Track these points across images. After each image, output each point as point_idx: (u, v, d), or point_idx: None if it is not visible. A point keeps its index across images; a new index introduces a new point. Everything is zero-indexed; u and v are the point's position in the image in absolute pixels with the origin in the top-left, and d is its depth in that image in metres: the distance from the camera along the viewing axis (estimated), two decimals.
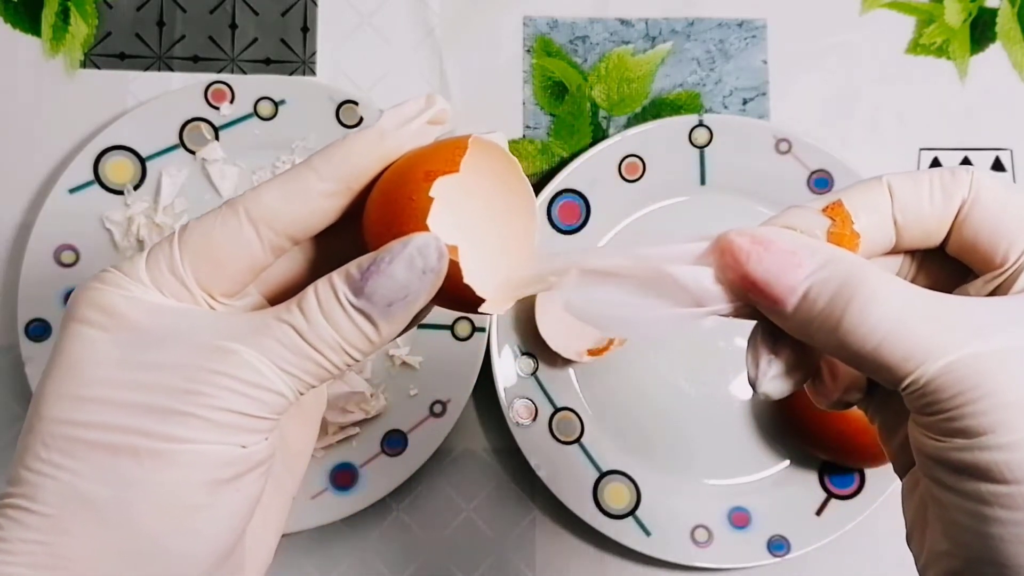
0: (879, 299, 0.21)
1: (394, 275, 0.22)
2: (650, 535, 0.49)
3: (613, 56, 0.54)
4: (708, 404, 0.51)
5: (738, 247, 0.22)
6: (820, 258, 0.22)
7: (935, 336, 0.20)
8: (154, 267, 0.23)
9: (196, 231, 0.24)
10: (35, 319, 0.48)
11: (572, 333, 0.49)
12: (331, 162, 0.24)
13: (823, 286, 0.21)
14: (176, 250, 0.23)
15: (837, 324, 0.21)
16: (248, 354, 0.22)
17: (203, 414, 0.22)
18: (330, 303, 0.23)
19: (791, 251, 0.22)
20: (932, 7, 0.55)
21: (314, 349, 0.23)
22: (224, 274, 0.24)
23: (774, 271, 0.22)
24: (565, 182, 0.51)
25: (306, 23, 0.54)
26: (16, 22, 0.53)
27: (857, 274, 0.21)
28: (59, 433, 0.22)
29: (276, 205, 0.24)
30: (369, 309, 0.22)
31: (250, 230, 0.24)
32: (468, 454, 0.51)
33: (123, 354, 0.22)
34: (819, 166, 0.51)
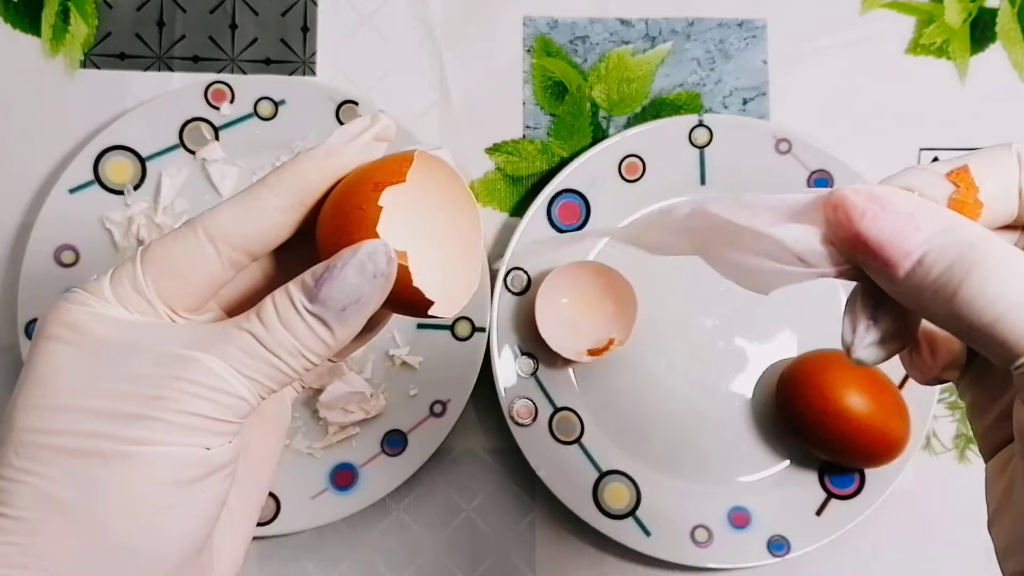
0: (1002, 272, 0.20)
1: (346, 280, 0.24)
2: (650, 535, 0.49)
3: (613, 56, 0.54)
4: (708, 404, 0.51)
5: (852, 204, 0.21)
6: (940, 223, 0.21)
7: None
8: (118, 285, 0.25)
9: (158, 250, 0.25)
10: (35, 319, 0.48)
11: (572, 333, 0.49)
12: (284, 179, 0.25)
13: (941, 253, 0.20)
14: (139, 268, 0.25)
15: (953, 294, 0.20)
16: (210, 360, 0.23)
17: (167, 417, 0.23)
18: (287, 310, 0.24)
19: (910, 213, 0.21)
20: (932, 7, 0.55)
21: (273, 354, 0.24)
22: (186, 290, 0.25)
23: (889, 232, 0.21)
24: (565, 182, 0.51)
25: (306, 23, 0.54)
26: (16, 22, 0.53)
27: (980, 244, 0.20)
28: (29, 441, 0.23)
29: (233, 222, 0.25)
30: (324, 313, 0.24)
31: (209, 247, 0.25)
32: (468, 454, 0.51)
33: (89, 365, 0.23)
34: (819, 166, 0.51)
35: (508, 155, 0.53)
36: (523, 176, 0.53)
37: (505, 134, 0.53)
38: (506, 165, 0.53)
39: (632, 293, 0.49)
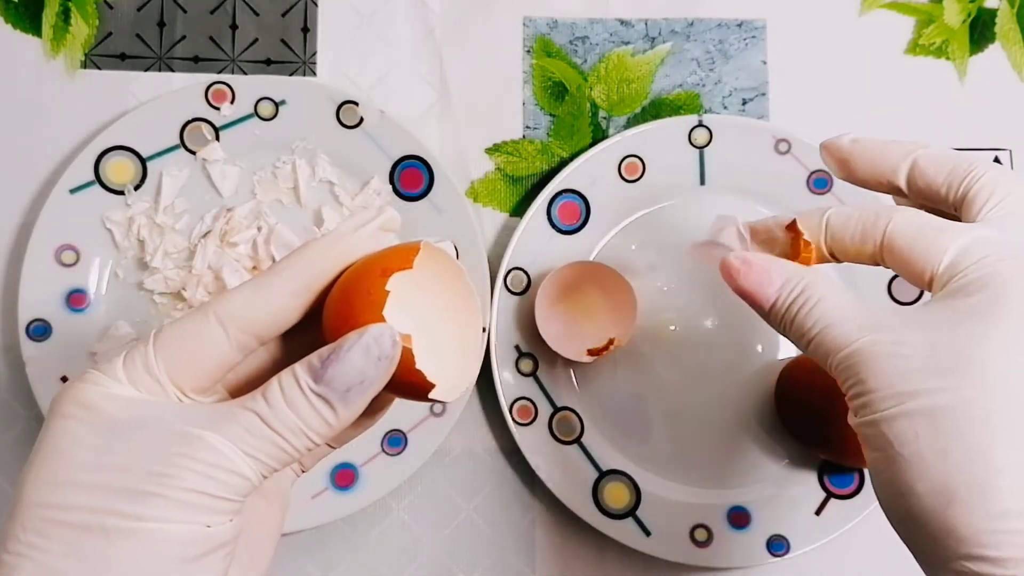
0: (820, 305, 0.29)
1: (352, 362, 0.25)
2: (650, 535, 0.49)
3: (613, 56, 0.54)
4: (708, 404, 0.51)
5: (731, 266, 0.31)
6: (785, 275, 0.31)
7: (844, 334, 0.28)
8: (130, 366, 0.26)
9: (169, 332, 0.26)
10: (36, 319, 0.48)
11: (572, 333, 0.49)
12: (292, 265, 0.27)
13: (786, 296, 0.30)
14: (151, 350, 0.26)
15: (793, 320, 0.30)
16: (213, 439, 0.24)
17: (170, 494, 0.23)
18: (292, 390, 0.25)
19: (766, 269, 0.31)
20: (931, 8, 0.55)
21: (276, 433, 0.25)
22: (195, 371, 0.26)
23: (754, 285, 0.31)
24: (565, 182, 0.51)
25: (306, 24, 0.54)
26: (17, 22, 0.53)
27: (807, 288, 0.30)
28: (36, 515, 0.24)
29: (243, 306, 0.26)
30: (328, 394, 0.25)
31: (219, 329, 0.26)
32: (468, 454, 0.51)
33: (97, 442, 0.24)
34: (818, 166, 0.51)
35: (508, 155, 0.53)
36: (523, 176, 0.53)
37: (505, 134, 0.54)
38: (506, 165, 0.53)
39: (632, 293, 0.49)
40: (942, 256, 0.28)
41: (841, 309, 0.29)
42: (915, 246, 0.29)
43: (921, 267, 0.29)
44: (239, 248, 0.50)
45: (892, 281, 0.51)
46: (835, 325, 0.28)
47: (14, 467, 0.50)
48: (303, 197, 0.51)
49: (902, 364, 0.26)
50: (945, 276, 0.28)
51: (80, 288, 0.49)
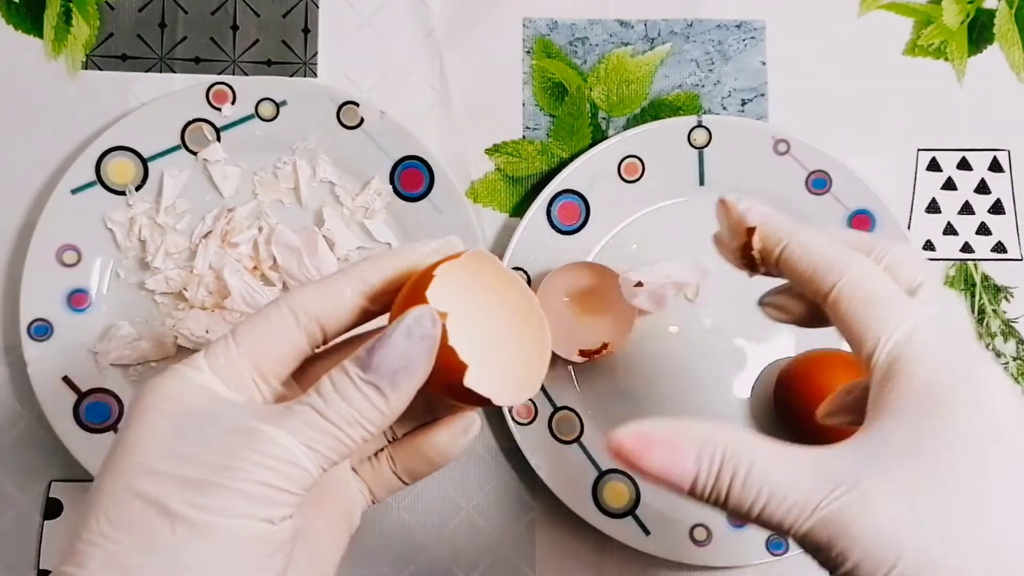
0: (752, 476, 0.24)
1: (395, 345, 0.26)
2: (649, 534, 0.49)
3: (612, 57, 0.54)
4: (707, 403, 0.51)
5: (628, 450, 0.25)
6: (697, 445, 0.24)
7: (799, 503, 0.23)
8: (212, 356, 0.27)
9: (246, 323, 0.28)
10: (37, 319, 0.49)
11: (570, 333, 0.49)
12: (358, 266, 0.29)
13: (707, 473, 0.24)
14: (231, 340, 0.28)
15: (727, 498, 0.24)
16: (275, 433, 0.25)
17: (234, 486, 0.24)
18: (342, 381, 0.26)
19: (671, 441, 0.25)
20: (930, 8, 0.55)
21: (332, 424, 0.26)
22: (271, 356, 0.28)
23: (661, 467, 0.24)
24: (565, 183, 0.51)
25: (307, 24, 0.54)
26: (18, 23, 0.53)
27: (730, 455, 0.24)
28: (111, 504, 0.25)
29: (311, 298, 0.28)
30: (377, 380, 0.26)
31: (290, 317, 0.28)
32: (468, 453, 0.51)
33: (173, 433, 0.25)
34: (817, 167, 0.51)
35: (508, 156, 0.54)
36: (523, 177, 0.54)
37: (505, 135, 0.54)
38: (506, 166, 0.54)
39: None
40: (880, 339, 0.26)
41: (781, 469, 0.24)
42: (858, 315, 0.27)
43: (859, 341, 0.27)
44: (240, 248, 0.50)
45: None
46: (783, 493, 0.24)
47: (15, 467, 0.50)
48: (304, 197, 0.51)
49: (880, 526, 0.23)
50: (885, 364, 0.26)
51: (81, 288, 0.50)
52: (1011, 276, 0.54)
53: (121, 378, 0.49)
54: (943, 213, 0.54)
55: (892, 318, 0.26)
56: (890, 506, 0.23)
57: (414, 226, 0.51)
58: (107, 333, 0.49)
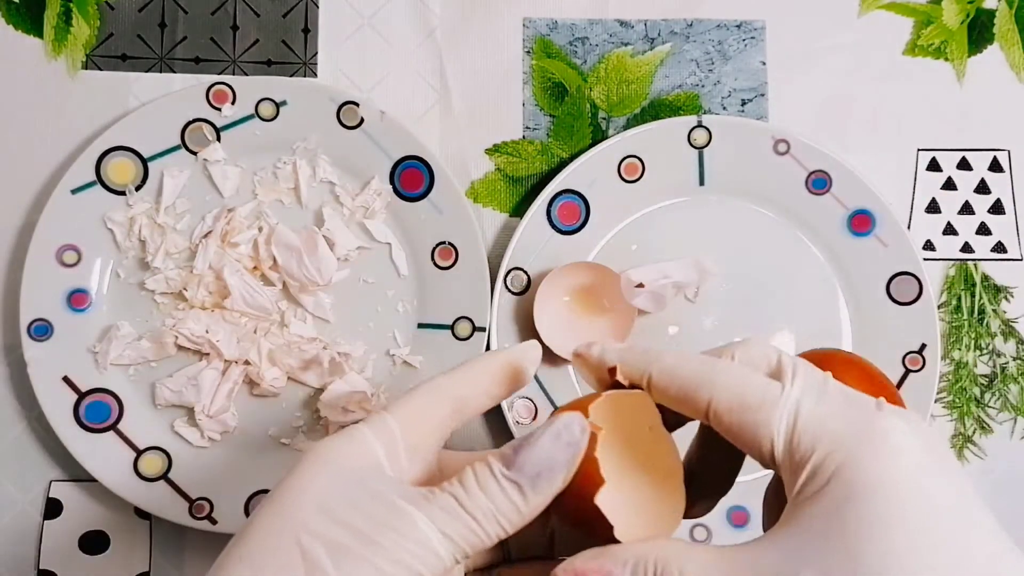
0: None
1: (542, 447, 0.27)
2: None
3: (612, 57, 0.54)
4: None
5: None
6: (630, 561, 0.26)
7: None
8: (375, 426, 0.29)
9: (400, 400, 0.30)
10: (37, 319, 0.49)
11: (570, 332, 0.50)
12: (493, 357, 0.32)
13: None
14: (387, 413, 0.29)
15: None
16: (417, 516, 0.26)
17: (375, 560, 0.25)
18: (485, 475, 0.27)
19: (603, 571, 0.27)
20: (930, 8, 0.55)
21: (470, 516, 0.26)
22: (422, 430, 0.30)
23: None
24: (565, 182, 0.51)
25: (307, 24, 0.54)
26: (18, 23, 0.53)
27: (664, 565, 0.26)
28: (259, 548, 0.26)
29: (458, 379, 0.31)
30: (519, 479, 0.27)
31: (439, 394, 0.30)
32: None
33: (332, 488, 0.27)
34: (817, 167, 0.51)
35: (508, 156, 0.54)
36: (523, 177, 0.54)
37: (505, 135, 0.54)
38: (506, 166, 0.54)
39: None
40: (771, 436, 0.27)
41: (713, 573, 0.26)
42: (742, 424, 0.27)
43: (754, 448, 0.27)
44: (240, 248, 0.50)
45: (891, 281, 0.51)
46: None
47: (15, 467, 0.50)
48: (304, 197, 0.51)
49: None
50: (786, 459, 0.27)
51: (81, 288, 0.50)
52: (1011, 276, 0.54)
53: (121, 378, 0.49)
54: (943, 213, 0.54)
55: (772, 414, 0.27)
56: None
57: (414, 226, 0.51)
58: (107, 333, 0.49)
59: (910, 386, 0.50)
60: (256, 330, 0.50)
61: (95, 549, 0.50)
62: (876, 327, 0.51)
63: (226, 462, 0.49)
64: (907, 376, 0.50)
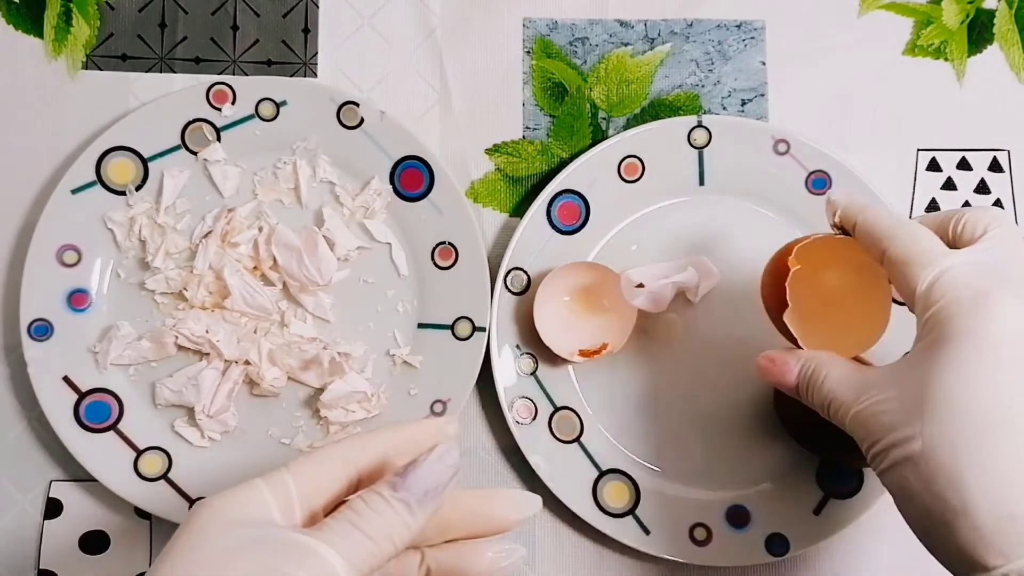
0: (826, 382, 0.38)
1: (428, 468, 0.30)
2: (649, 533, 0.49)
3: (612, 57, 0.54)
4: (707, 403, 0.51)
5: (760, 364, 0.41)
6: (800, 362, 0.39)
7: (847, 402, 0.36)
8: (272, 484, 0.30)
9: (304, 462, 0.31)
10: (37, 319, 0.49)
11: (570, 332, 0.50)
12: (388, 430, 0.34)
13: (804, 378, 0.39)
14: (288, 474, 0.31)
15: (812, 397, 0.38)
16: (318, 545, 0.28)
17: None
18: (374, 499, 0.30)
19: (784, 359, 0.40)
20: (930, 8, 0.55)
21: (367, 537, 0.29)
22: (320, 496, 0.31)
23: (779, 375, 0.40)
24: (565, 183, 0.51)
25: (307, 24, 0.54)
26: (18, 23, 0.53)
27: (816, 369, 0.38)
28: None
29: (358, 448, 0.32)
30: (408, 498, 0.30)
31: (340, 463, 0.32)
32: (468, 453, 0.51)
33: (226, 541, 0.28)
34: (817, 167, 0.51)
35: (508, 156, 0.54)
36: (523, 177, 0.54)
37: (505, 135, 0.54)
38: (506, 166, 0.54)
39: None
40: (916, 288, 0.35)
41: (843, 380, 0.37)
42: (903, 274, 0.36)
43: (906, 294, 0.36)
44: (240, 248, 0.50)
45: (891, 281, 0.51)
46: (839, 394, 0.37)
47: (15, 467, 0.50)
48: (304, 197, 0.51)
49: (885, 421, 0.34)
50: (920, 308, 0.35)
51: (82, 288, 0.50)
52: None
53: (121, 378, 0.50)
54: None
55: (921, 271, 0.35)
56: (893, 408, 0.34)
57: (414, 226, 0.51)
58: (107, 333, 0.49)
59: None
60: (256, 330, 0.50)
61: (95, 549, 0.50)
62: None
63: (226, 462, 0.49)
64: None
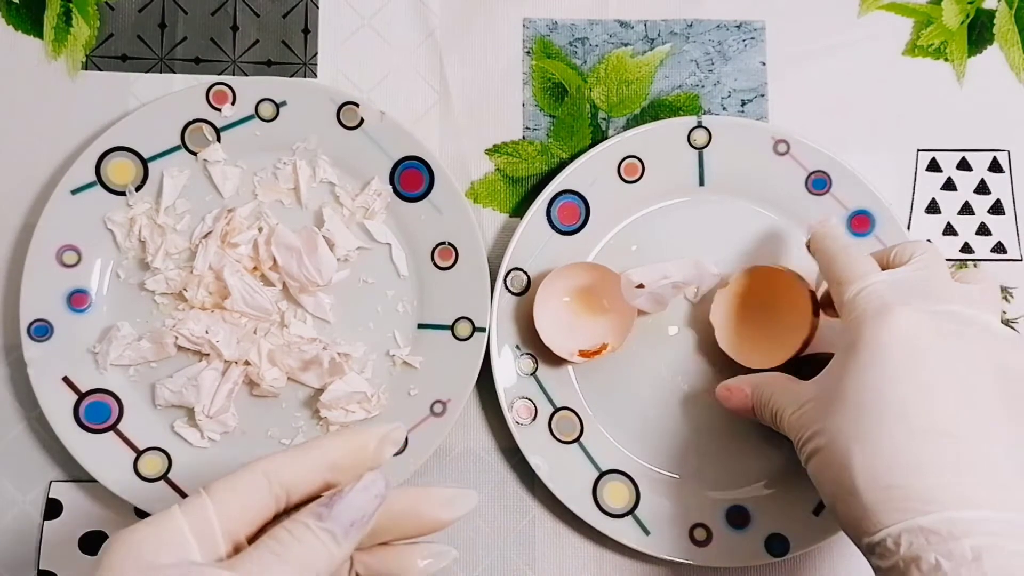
0: (772, 400, 0.43)
1: (355, 499, 0.30)
2: (649, 534, 0.49)
3: (612, 58, 0.54)
4: (707, 403, 0.51)
5: (721, 396, 0.46)
6: (751, 387, 0.45)
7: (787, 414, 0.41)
8: (188, 512, 0.29)
9: (222, 483, 0.30)
10: (37, 319, 0.49)
11: (569, 332, 0.50)
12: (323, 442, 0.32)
13: (756, 401, 0.44)
14: (206, 498, 0.30)
15: (763, 415, 0.44)
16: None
17: None
18: (299, 529, 0.29)
19: (739, 387, 0.45)
20: (930, 9, 0.55)
21: (289, 567, 0.28)
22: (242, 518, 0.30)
23: (737, 401, 0.45)
24: (565, 183, 0.51)
25: (307, 25, 0.54)
26: (18, 24, 0.53)
27: (764, 391, 0.44)
28: None
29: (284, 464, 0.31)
30: (334, 528, 0.29)
31: (263, 481, 0.30)
32: (468, 453, 0.51)
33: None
34: (817, 167, 0.51)
35: (508, 156, 0.54)
36: (523, 177, 0.54)
37: (505, 135, 0.54)
38: (506, 166, 0.54)
39: None
40: (841, 301, 0.41)
41: (784, 393, 0.42)
42: (836, 291, 0.42)
43: (838, 308, 0.42)
44: (240, 249, 0.50)
45: None
46: (781, 406, 0.42)
47: (15, 467, 0.50)
48: (304, 198, 0.51)
49: (804, 420, 0.39)
50: (842, 319, 0.41)
51: (81, 288, 0.50)
52: (1011, 276, 0.54)
53: (121, 378, 0.50)
54: (943, 213, 0.54)
55: (849, 287, 0.41)
56: (812, 408, 0.39)
57: (414, 226, 0.51)
58: (107, 333, 0.49)
59: None
60: (256, 330, 0.50)
61: (95, 549, 0.50)
62: None
63: (226, 462, 0.49)
64: None
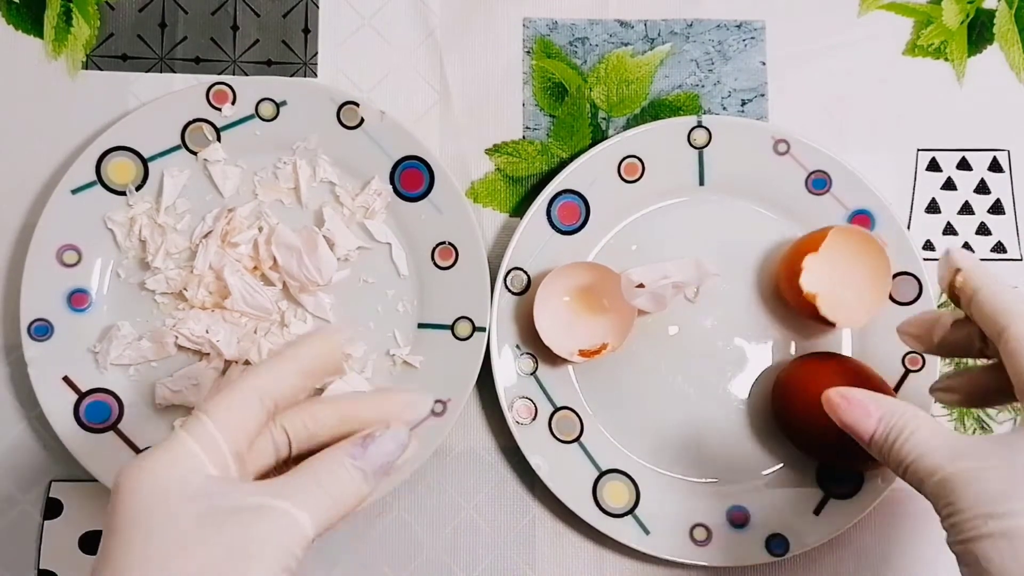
0: (913, 438, 0.34)
1: (387, 443, 0.32)
2: (649, 534, 0.49)
3: (612, 57, 0.54)
4: (707, 403, 0.51)
5: (832, 400, 0.36)
6: (882, 410, 0.35)
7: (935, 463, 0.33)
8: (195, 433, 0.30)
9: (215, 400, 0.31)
10: (38, 319, 0.49)
11: (569, 332, 0.50)
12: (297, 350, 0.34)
13: (884, 430, 0.34)
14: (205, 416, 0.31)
15: (890, 450, 0.34)
16: (285, 505, 0.29)
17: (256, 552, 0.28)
18: (338, 462, 0.31)
19: (863, 403, 0.35)
20: (930, 8, 0.55)
21: (330, 497, 0.30)
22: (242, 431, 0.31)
23: (855, 419, 0.35)
24: (565, 183, 0.51)
25: (307, 25, 0.54)
26: (18, 23, 0.53)
27: (902, 422, 0.34)
28: None
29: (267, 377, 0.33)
30: (366, 467, 0.32)
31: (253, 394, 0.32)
32: (468, 453, 0.51)
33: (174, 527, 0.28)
34: (817, 167, 0.51)
35: (508, 156, 0.54)
36: (523, 177, 0.54)
37: (505, 135, 0.54)
38: (506, 166, 0.54)
39: None
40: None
41: (933, 439, 0.33)
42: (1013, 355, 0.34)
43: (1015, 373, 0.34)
44: (240, 248, 0.50)
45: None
46: (927, 455, 0.33)
47: (15, 467, 0.50)
48: (304, 197, 0.51)
49: (984, 488, 0.31)
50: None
51: (82, 288, 0.50)
52: (1011, 276, 0.54)
53: (121, 378, 0.50)
54: (943, 213, 0.54)
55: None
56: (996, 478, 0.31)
57: (414, 226, 0.51)
58: (107, 333, 0.49)
59: (910, 386, 0.50)
60: (256, 330, 0.50)
61: (95, 549, 0.50)
62: (876, 327, 0.51)
63: None
64: (907, 376, 0.50)
